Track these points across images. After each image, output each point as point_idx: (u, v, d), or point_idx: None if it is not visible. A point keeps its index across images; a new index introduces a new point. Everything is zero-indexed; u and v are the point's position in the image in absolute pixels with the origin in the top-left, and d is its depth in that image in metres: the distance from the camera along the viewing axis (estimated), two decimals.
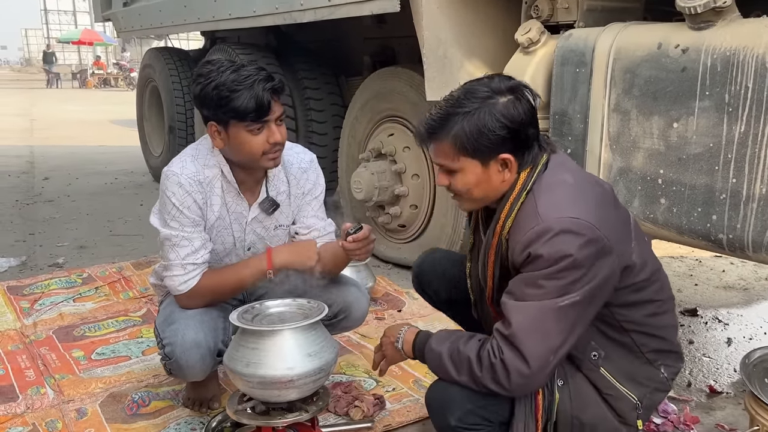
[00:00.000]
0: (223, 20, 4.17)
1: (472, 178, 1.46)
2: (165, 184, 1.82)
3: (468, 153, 1.43)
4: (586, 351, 1.51)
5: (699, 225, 1.89)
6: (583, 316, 1.42)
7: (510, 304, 1.41)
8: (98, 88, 25.54)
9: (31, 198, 5.45)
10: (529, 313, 1.38)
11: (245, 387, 1.58)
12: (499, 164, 1.45)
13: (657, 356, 1.56)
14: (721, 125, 1.81)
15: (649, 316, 1.53)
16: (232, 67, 1.74)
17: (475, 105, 1.41)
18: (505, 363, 1.38)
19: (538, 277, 1.37)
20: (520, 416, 1.49)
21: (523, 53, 2.42)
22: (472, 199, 1.52)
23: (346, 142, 3.95)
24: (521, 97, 1.44)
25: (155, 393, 2.17)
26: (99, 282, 3.25)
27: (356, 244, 1.77)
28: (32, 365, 2.38)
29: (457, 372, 1.46)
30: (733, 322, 2.84)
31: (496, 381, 1.40)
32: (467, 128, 1.41)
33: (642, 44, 1.99)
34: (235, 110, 1.70)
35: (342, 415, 2.02)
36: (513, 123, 1.41)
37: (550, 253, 1.35)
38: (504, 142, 1.42)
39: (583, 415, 1.52)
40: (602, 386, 1.53)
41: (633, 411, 1.53)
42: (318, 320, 1.60)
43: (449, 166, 1.47)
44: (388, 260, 3.67)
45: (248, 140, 1.75)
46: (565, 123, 2.25)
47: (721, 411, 2.10)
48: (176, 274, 1.84)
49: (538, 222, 1.38)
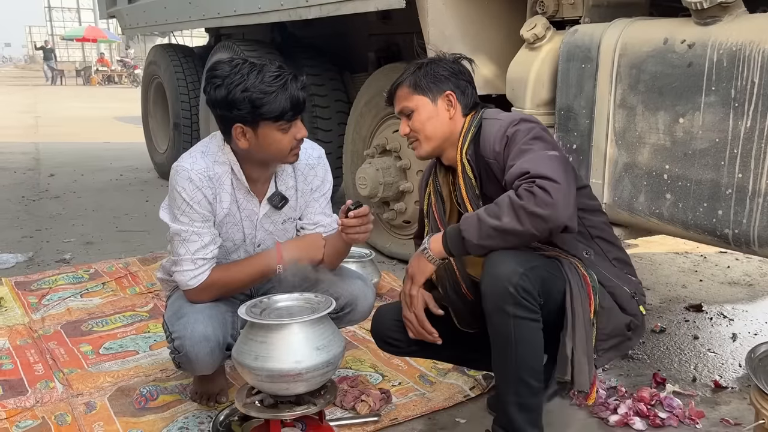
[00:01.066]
0: (228, 17, 4.18)
1: (425, 112, 1.76)
2: (175, 179, 1.83)
3: (420, 90, 1.77)
4: (578, 250, 1.70)
5: (705, 220, 1.90)
6: (570, 169, 1.61)
7: (517, 163, 1.57)
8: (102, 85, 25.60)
9: (38, 194, 5.48)
10: (533, 158, 1.57)
11: (254, 380, 1.59)
12: (445, 101, 1.77)
13: (621, 265, 1.76)
14: (727, 120, 1.81)
15: (605, 224, 1.78)
16: (255, 68, 1.75)
17: (423, 62, 1.81)
18: (540, 186, 1.49)
19: (524, 143, 1.61)
20: (576, 292, 1.59)
21: (528, 49, 2.42)
22: (426, 137, 1.78)
23: (350, 139, 3.95)
24: (463, 58, 1.85)
25: (163, 387, 2.18)
26: (106, 277, 3.26)
27: (357, 220, 1.77)
28: (41, 359, 2.40)
29: (498, 218, 1.52)
30: (738, 318, 2.84)
31: (540, 202, 1.47)
32: (420, 73, 1.78)
33: (648, 40, 1.99)
34: (270, 113, 1.73)
35: (348, 409, 2.03)
36: (453, 68, 1.79)
37: (523, 128, 1.65)
38: (446, 80, 1.77)
39: (603, 302, 1.65)
40: (603, 281, 1.67)
41: (631, 300, 1.70)
42: (326, 314, 1.61)
43: (406, 105, 1.78)
44: (393, 256, 3.68)
45: (278, 138, 1.78)
46: (571, 118, 2.25)
47: (726, 406, 2.11)
48: (186, 269, 1.85)
49: (502, 121, 1.70)
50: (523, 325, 1.55)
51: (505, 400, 1.63)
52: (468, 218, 1.58)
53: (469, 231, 1.56)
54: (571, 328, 1.59)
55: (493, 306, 1.56)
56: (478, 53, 2.70)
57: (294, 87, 1.76)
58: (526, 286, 1.52)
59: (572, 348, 1.59)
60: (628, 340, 1.72)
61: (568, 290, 1.59)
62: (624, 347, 1.73)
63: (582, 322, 1.59)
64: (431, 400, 2.10)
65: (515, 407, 1.61)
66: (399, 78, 1.82)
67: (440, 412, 2.05)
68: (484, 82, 2.63)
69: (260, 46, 4.47)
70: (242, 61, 1.78)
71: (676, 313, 2.89)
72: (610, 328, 1.66)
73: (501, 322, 1.56)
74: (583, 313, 1.59)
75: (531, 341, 1.57)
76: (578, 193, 1.65)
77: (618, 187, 2.13)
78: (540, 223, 1.49)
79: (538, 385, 1.61)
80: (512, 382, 1.60)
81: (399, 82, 1.81)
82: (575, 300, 1.59)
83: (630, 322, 1.69)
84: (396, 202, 3.58)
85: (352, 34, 4.40)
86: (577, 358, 1.59)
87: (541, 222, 1.48)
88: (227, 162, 1.86)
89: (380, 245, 3.72)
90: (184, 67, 5.66)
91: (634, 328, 1.71)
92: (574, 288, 1.60)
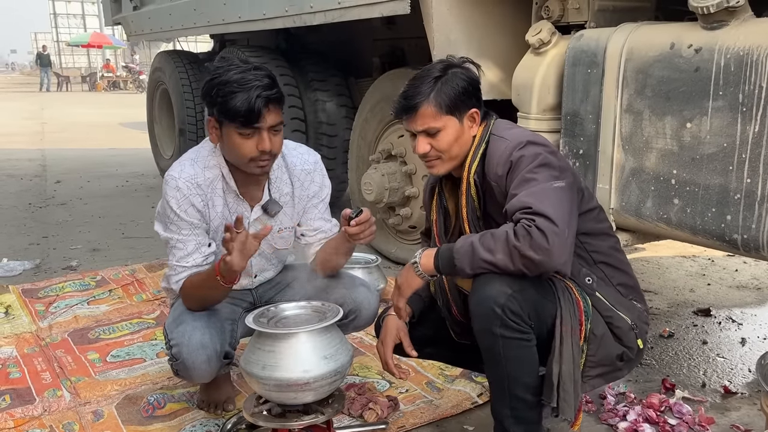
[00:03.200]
0: (233, 23, 4.19)
1: (452, 133, 1.65)
2: (164, 188, 1.85)
3: (448, 111, 1.64)
4: (581, 275, 1.65)
5: (713, 225, 1.89)
6: (574, 204, 1.57)
7: (520, 195, 1.52)
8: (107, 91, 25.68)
9: (44, 201, 5.49)
10: (537, 191, 1.51)
11: (261, 390, 1.59)
12: (470, 119, 1.67)
13: (627, 291, 1.70)
14: (735, 125, 1.80)
15: (612, 249, 1.71)
16: (241, 67, 1.74)
17: (440, 73, 1.65)
18: (539, 227, 1.45)
19: (529, 171, 1.54)
20: (567, 317, 1.56)
21: (534, 54, 2.42)
22: (450, 158, 1.67)
23: (356, 144, 3.95)
24: (472, 64, 1.72)
25: (170, 395, 2.18)
26: (112, 284, 3.27)
27: (359, 227, 1.76)
28: (48, 368, 2.40)
29: (491, 253, 1.49)
30: (747, 322, 2.83)
31: (535, 246, 1.45)
32: (444, 90, 1.63)
33: (654, 44, 1.99)
34: (227, 111, 1.71)
35: (356, 417, 2.03)
36: (471, 78, 1.68)
37: (528, 153, 1.56)
38: (469, 96, 1.66)
39: (595, 329, 1.63)
40: (601, 309, 1.64)
41: (630, 331, 1.65)
42: (333, 323, 1.61)
43: (433, 126, 1.64)
44: (399, 262, 3.67)
45: (238, 143, 1.75)
46: (577, 124, 2.25)
47: (736, 411, 2.09)
48: (170, 274, 1.90)
49: (509, 142, 1.61)
50: (511, 345, 1.52)
51: (501, 413, 1.60)
52: (463, 246, 1.53)
53: (462, 259, 1.52)
54: (558, 353, 1.55)
55: (480, 326, 1.54)
56: (483, 58, 2.70)
57: (255, 94, 1.68)
58: (513, 307, 1.49)
59: (558, 374, 1.55)
60: (618, 370, 1.69)
61: (558, 314, 1.56)
62: (611, 377, 1.69)
63: (570, 349, 1.56)
64: (439, 407, 2.09)
65: (511, 420, 1.59)
66: (417, 93, 1.64)
67: (448, 419, 2.05)
68: (489, 87, 2.63)
69: (265, 52, 4.48)
70: (242, 61, 1.78)
71: (685, 318, 2.87)
72: (600, 356, 1.63)
73: (489, 341, 1.54)
74: (572, 338, 1.56)
75: (522, 359, 1.55)
76: (585, 217, 1.63)
77: (625, 193, 2.12)
78: (532, 267, 1.47)
79: (533, 399, 1.58)
80: (506, 398, 1.58)
81: (420, 100, 1.63)
82: (564, 325, 1.56)
83: (623, 353, 1.65)
84: (402, 207, 3.57)
85: (356, 39, 4.40)
86: (563, 385, 1.55)
87: (533, 266, 1.47)
88: (217, 166, 1.87)
89: (386, 250, 3.72)
90: (189, 74, 5.68)
91: (626, 359, 1.67)
92: (564, 313, 1.56)
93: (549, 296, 1.58)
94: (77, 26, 40.90)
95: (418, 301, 1.87)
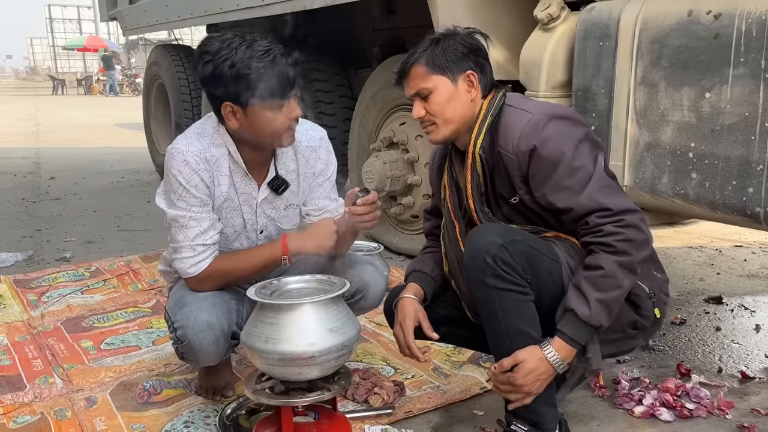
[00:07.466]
0: (231, 11, 4.11)
1: (445, 94, 1.60)
2: (170, 162, 1.74)
3: (438, 70, 1.59)
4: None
5: (734, 199, 1.81)
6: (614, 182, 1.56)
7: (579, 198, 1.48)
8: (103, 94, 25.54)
9: (38, 196, 5.40)
10: (594, 187, 1.49)
11: (264, 365, 1.50)
12: (466, 82, 1.61)
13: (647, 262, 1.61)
14: (757, 93, 1.73)
15: None
16: (244, 43, 1.65)
17: (438, 37, 1.64)
18: (630, 225, 1.46)
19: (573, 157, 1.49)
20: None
21: (542, 30, 2.35)
22: (445, 121, 1.61)
23: (356, 133, 3.88)
24: (476, 33, 1.67)
25: (167, 381, 2.09)
26: (107, 275, 3.18)
27: (365, 208, 1.68)
28: (40, 355, 2.31)
29: (619, 287, 1.46)
30: (760, 309, 2.75)
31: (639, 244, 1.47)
32: (436, 50, 1.60)
33: (671, 12, 1.92)
34: (255, 89, 1.62)
35: (361, 402, 1.94)
36: (473, 44, 1.63)
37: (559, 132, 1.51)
38: (465, 58, 1.60)
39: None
40: None
41: (648, 300, 1.60)
42: (340, 294, 1.53)
43: (423, 86, 1.60)
44: (401, 252, 3.59)
45: (270, 118, 1.67)
46: (589, 99, 2.17)
47: (755, 396, 2.01)
48: (186, 256, 1.76)
49: (531, 115, 1.54)
50: (506, 296, 1.47)
51: None
52: (594, 310, 1.45)
53: (599, 317, 1.46)
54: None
55: (474, 279, 1.50)
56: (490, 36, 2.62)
57: (283, 63, 1.64)
58: (504, 257, 1.45)
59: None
60: (631, 338, 1.63)
61: (564, 272, 1.53)
62: (624, 345, 1.65)
63: None
64: (447, 393, 2.01)
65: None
66: (412, 55, 1.64)
67: (457, 405, 1.96)
68: (496, 67, 2.53)
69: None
70: (233, 36, 1.68)
71: (696, 305, 2.80)
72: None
73: (483, 295, 1.50)
74: None
75: (520, 312, 1.49)
76: None
77: (639, 169, 2.05)
78: (644, 256, 1.51)
79: None
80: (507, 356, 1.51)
81: (413, 60, 1.62)
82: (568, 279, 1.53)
83: (637, 321, 1.60)
84: (404, 196, 3.49)
85: (356, 29, 4.33)
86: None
87: (645, 255, 1.51)
88: (224, 144, 1.78)
89: (387, 241, 3.63)
90: (186, 67, 5.60)
91: (640, 327, 1.61)
92: (575, 268, 1.52)
93: (547, 252, 1.53)
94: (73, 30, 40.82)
95: (430, 283, 1.80)
